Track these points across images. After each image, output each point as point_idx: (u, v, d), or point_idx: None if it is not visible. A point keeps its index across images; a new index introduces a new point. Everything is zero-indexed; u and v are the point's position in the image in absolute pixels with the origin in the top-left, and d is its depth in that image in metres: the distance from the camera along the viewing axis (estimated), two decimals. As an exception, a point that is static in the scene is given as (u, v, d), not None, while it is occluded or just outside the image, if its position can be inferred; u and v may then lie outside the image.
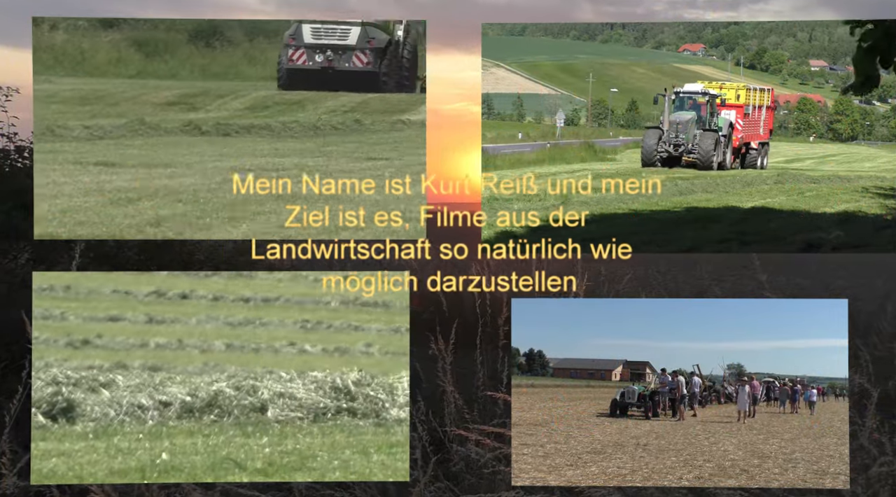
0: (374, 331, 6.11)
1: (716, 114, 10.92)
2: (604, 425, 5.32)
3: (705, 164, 10.24)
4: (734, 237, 6.10)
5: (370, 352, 5.97)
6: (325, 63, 9.54)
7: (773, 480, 4.47)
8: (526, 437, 4.75)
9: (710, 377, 5.37)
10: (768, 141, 10.94)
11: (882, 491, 4.60)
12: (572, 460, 4.59)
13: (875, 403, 4.85)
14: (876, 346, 6.85)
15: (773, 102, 11.25)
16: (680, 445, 4.88)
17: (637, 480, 4.42)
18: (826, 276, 10.77)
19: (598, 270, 6.69)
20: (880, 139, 10.91)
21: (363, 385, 5.14)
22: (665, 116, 10.97)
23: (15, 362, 5.55)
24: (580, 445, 4.86)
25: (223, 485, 4.59)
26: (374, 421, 4.97)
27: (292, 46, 9.52)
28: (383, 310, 5.23)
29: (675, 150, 10.42)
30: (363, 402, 5.06)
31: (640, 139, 10.62)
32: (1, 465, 4.52)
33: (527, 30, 12.53)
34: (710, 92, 11.15)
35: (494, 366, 5.91)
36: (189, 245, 8.26)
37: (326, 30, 9.53)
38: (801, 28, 13.34)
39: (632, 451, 4.75)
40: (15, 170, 7.84)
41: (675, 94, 11.32)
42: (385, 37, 9.95)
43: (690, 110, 11.07)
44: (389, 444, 4.77)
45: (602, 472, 4.46)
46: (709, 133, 10.57)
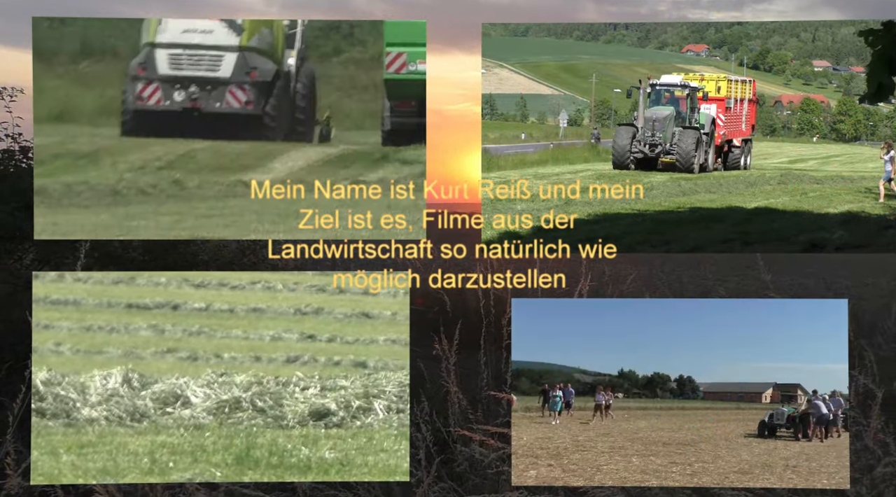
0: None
1: (696, 109, 9.95)
2: (752, 446, 5.19)
3: (685, 166, 9.19)
4: (737, 237, 6.10)
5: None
6: (187, 103, 7.20)
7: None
8: (676, 455, 4.79)
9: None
10: (751, 138, 10.15)
11: (887, 491, 4.59)
12: (720, 479, 4.57)
13: (879, 404, 4.84)
14: (881, 346, 6.85)
15: (754, 95, 10.43)
16: (833, 469, 4.71)
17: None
18: (829, 276, 10.74)
19: (601, 271, 6.72)
20: (883, 139, 10.77)
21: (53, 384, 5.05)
22: (640, 112, 9.91)
23: (19, 362, 5.55)
24: (727, 465, 4.79)
25: (227, 485, 4.60)
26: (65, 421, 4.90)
27: (142, 79, 7.16)
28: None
29: (650, 151, 9.36)
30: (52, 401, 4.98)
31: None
32: (5, 465, 4.52)
33: (530, 30, 12.52)
34: (691, 84, 10.12)
35: (498, 366, 5.91)
36: (193, 246, 8.26)
37: (190, 57, 7.20)
38: (804, 28, 13.32)
39: (780, 472, 4.67)
40: (20, 170, 7.85)
41: (652, 86, 10.26)
42: (271, 66, 7.51)
43: (668, 105, 10.05)
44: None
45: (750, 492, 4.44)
46: (689, 131, 9.57)
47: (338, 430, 4.92)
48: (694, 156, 9.24)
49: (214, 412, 4.99)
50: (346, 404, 5.04)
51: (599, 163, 10.09)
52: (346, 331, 6.38)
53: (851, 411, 4.99)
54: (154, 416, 4.95)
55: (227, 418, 4.97)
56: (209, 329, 6.31)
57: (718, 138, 9.71)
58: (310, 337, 6.32)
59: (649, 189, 7.51)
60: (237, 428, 4.89)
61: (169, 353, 5.88)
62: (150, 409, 4.98)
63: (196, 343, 6.09)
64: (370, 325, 6.34)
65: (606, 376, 5.17)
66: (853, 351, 4.99)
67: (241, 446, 4.72)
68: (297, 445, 4.74)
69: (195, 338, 6.16)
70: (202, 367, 5.62)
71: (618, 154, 9.31)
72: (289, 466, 4.59)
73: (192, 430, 4.86)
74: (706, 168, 9.38)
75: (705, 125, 9.68)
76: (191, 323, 6.28)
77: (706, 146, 9.54)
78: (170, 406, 5.02)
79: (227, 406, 5.03)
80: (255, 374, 5.34)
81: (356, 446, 4.76)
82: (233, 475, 4.52)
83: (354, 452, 4.69)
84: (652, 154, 9.31)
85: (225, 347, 6.06)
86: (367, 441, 4.83)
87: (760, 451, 5.00)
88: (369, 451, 4.73)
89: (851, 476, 4.55)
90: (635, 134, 9.47)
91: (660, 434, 5.18)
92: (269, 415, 4.98)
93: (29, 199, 5.81)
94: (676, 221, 6.63)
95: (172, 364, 5.67)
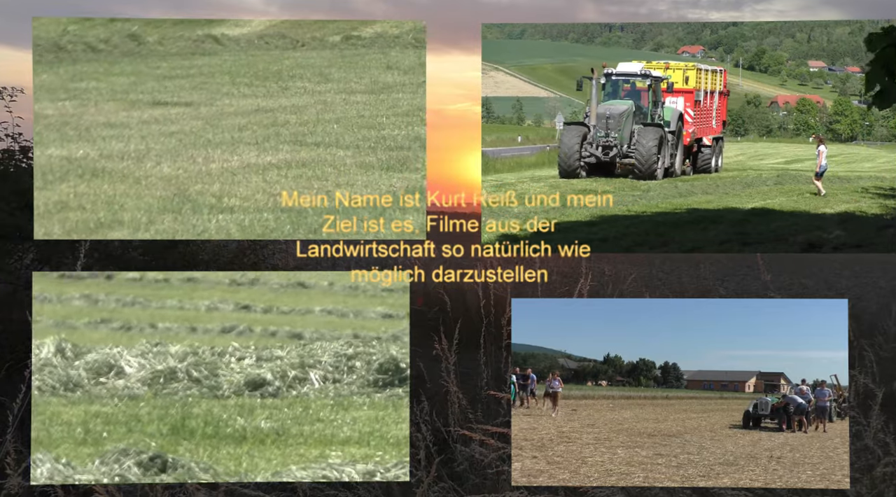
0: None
1: (660, 103, 8.56)
2: (737, 437, 5.18)
3: (646, 171, 7.74)
4: (735, 238, 6.12)
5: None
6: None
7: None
8: (661, 447, 4.76)
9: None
10: (722, 136, 9.02)
11: (887, 491, 4.60)
12: (705, 471, 4.55)
13: (880, 403, 4.86)
14: (881, 346, 6.86)
15: (725, 86, 9.26)
16: (816, 459, 4.71)
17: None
18: (829, 277, 10.74)
19: (602, 270, 6.73)
20: (880, 139, 10.77)
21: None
22: (592, 107, 8.56)
23: (19, 362, 5.54)
24: (713, 457, 4.77)
25: (227, 485, 4.59)
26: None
27: None
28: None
29: (604, 154, 7.93)
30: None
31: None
32: (5, 465, 4.51)
33: (525, 32, 12.54)
34: (653, 73, 8.65)
35: (498, 366, 5.93)
36: (193, 246, 8.27)
37: None
38: (799, 29, 13.34)
39: (765, 463, 4.66)
40: (20, 170, 7.84)
41: (607, 76, 8.90)
42: None
43: (626, 99, 8.61)
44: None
45: (734, 483, 4.43)
46: (650, 129, 8.11)
47: (273, 400, 4.89)
48: (656, 159, 7.86)
49: (149, 383, 4.95)
50: (281, 374, 5.02)
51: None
52: (281, 301, 6.34)
53: (844, 403, 4.98)
54: (87, 386, 4.90)
55: (163, 389, 4.93)
56: (144, 299, 6.25)
57: (687, 137, 8.50)
58: (245, 307, 6.27)
59: (646, 191, 7.50)
60: (172, 398, 4.86)
61: (103, 324, 5.82)
62: (84, 379, 4.94)
63: (130, 313, 6.02)
64: (305, 295, 6.31)
65: (591, 362, 5.17)
66: (853, 351, 5.01)
67: (177, 416, 4.68)
68: (233, 415, 4.71)
69: (129, 308, 6.11)
70: (136, 337, 5.56)
71: (564, 159, 7.94)
72: (224, 436, 4.55)
73: (126, 400, 4.83)
74: (672, 172, 8.09)
75: (671, 122, 8.41)
76: (124, 292, 6.24)
77: (672, 147, 8.19)
78: (103, 376, 4.97)
79: (161, 376, 4.99)
80: (191, 344, 5.31)
81: (292, 416, 4.73)
82: (168, 445, 4.46)
83: (290, 422, 4.67)
84: (606, 157, 7.95)
85: (160, 317, 5.99)
86: (303, 410, 4.81)
87: (745, 443, 5.00)
88: (305, 420, 4.71)
89: (851, 476, 4.56)
90: (586, 134, 8.19)
91: (645, 425, 5.18)
92: (205, 385, 4.94)
93: (29, 199, 5.80)
94: (674, 223, 6.63)
95: (106, 334, 5.61)
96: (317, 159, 5.36)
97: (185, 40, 6.89)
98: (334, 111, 6.28)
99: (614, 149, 7.88)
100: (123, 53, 6.74)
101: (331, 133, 5.75)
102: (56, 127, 5.51)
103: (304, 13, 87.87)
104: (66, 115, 5.73)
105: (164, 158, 5.30)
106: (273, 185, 4.98)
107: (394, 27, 6.60)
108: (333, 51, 7.07)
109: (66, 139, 5.54)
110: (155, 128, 5.94)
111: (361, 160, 5.35)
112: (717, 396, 5.42)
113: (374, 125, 5.93)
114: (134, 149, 5.57)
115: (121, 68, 6.80)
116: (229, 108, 6.48)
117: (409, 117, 5.55)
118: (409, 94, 5.95)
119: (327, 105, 6.42)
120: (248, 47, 7.29)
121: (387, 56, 7.02)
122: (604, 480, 4.44)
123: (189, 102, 6.53)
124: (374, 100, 6.46)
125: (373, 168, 5.19)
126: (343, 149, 5.50)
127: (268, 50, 7.31)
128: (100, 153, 5.45)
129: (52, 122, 5.42)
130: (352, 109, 6.25)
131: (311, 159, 5.36)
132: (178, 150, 5.41)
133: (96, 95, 6.37)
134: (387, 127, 5.91)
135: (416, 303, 5.27)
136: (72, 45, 6.15)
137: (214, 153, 5.42)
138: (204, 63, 7.16)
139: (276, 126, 6.00)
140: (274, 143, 5.65)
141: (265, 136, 5.78)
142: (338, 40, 6.70)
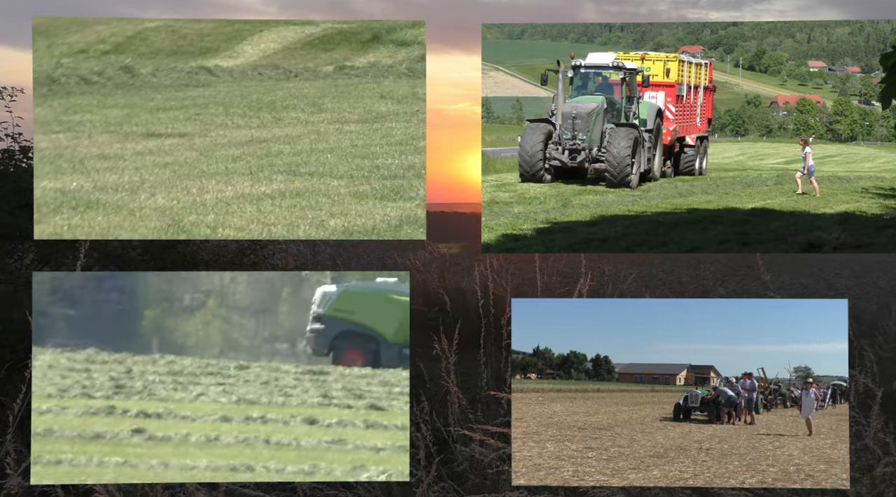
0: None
1: (635, 98, 7.57)
2: (667, 429, 5.22)
3: (619, 178, 6.81)
4: (735, 238, 6.12)
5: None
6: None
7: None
8: (591, 440, 4.76)
9: (776, 380, 5.23)
10: (707, 134, 8.23)
11: (887, 491, 4.61)
12: (635, 464, 4.56)
13: (879, 403, 4.86)
14: (881, 346, 6.87)
15: (710, 81, 8.38)
16: (743, 450, 4.75)
17: (699, 484, 4.40)
18: (829, 277, 10.74)
19: (602, 270, 6.73)
20: (880, 139, 10.75)
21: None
22: (558, 104, 7.72)
23: (19, 362, 5.54)
24: (643, 449, 4.78)
25: (227, 485, 4.58)
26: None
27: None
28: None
29: (570, 158, 7.04)
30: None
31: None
32: (5, 465, 4.51)
33: (525, 32, 12.53)
34: (627, 65, 7.61)
35: (498, 366, 5.93)
36: (193, 245, 8.27)
37: None
38: (799, 29, 13.34)
39: (694, 455, 4.68)
40: (20, 170, 7.84)
41: (575, 69, 7.98)
42: None
43: (597, 94, 7.70)
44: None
45: (664, 475, 4.44)
46: (624, 129, 7.19)
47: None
48: (629, 163, 6.89)
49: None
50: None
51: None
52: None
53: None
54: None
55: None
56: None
57: (668, 136, 7.65)
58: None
59: (646, 191, 7.49)
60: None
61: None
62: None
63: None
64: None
65: (520, 354, 5.14)
66: (853, 351, 5.01)
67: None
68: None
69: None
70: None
71: (525, 160, 7.16)
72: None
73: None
74: (650, 177, 7.19)
75: (647, 120, 7.51)
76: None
77: (649, 149, 7.25)
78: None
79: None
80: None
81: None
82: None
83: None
84: (573, 162, 7.08)
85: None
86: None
87: (675, 435, 5.03)
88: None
89: (852, 476, 4.56)
90: (551, 133, 7.41)
91: (574, 418, 5.17)
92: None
93: (29, 199, 5.80)
94: (674, 223, 6.63)
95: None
96: (311, 189, 5.43)
97: (178, 72, 7.05)
98: (328, 141, 6.38)
99: (582, 153, 7.05)
100: (117, 85, 6.89)
101: (325, 163, 5.83)
102: (50, 159, 5.60)
103: (303, 13, 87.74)
104: (59, 147, 5.84)
105: (159, 189, 5.36)
106: (267, 214, 5.01)
107: (387, 57, 6.68)
108: (326, 81, 7.15)
109: (59, 171, 5.64)
110: (149, 159, 6.02)
111: (355, 189, 5.38)
112: (648, 389, 5.43)
113: (367, 155, 6.01)
114: (128, 180, 5.63)
115: (114, 100, 6.93)
116: (223, 139, 6.59)
117: (404, 146, 5.62)
118: (402, 124, 6.00)
119: (321, 135, 6.53)
120: (242, 78, 7.44)
121: (380, 86, 7.10)
122: (531, 476, 4.42)
123: (183, 133, 6.64)
124: (367, 129, 6.55)
125: (367, 197, 5.23)
126: (337, 178, 5.56)
127: (261, 81, 7.44)
128: (94, 185, 5.53)
129: (45, 155, 5.53)
130: (345, 139, 6.33)
131: (305, 189, 5.43)
132: (172, 181, 5.47)
133: (90, 127, 6.46)
134: (380, 156, 5.98)
135: (415, 303, 5.26)
136: (65, 77, 6.25)
137: (209, 184, 5.48)
138: (198, 94, 7.36)
139: (270, 156, 6.09)
140: (268, 173, 5.72)
141: (259, 167, 5.86)
142: (331, 70, 6.78)
